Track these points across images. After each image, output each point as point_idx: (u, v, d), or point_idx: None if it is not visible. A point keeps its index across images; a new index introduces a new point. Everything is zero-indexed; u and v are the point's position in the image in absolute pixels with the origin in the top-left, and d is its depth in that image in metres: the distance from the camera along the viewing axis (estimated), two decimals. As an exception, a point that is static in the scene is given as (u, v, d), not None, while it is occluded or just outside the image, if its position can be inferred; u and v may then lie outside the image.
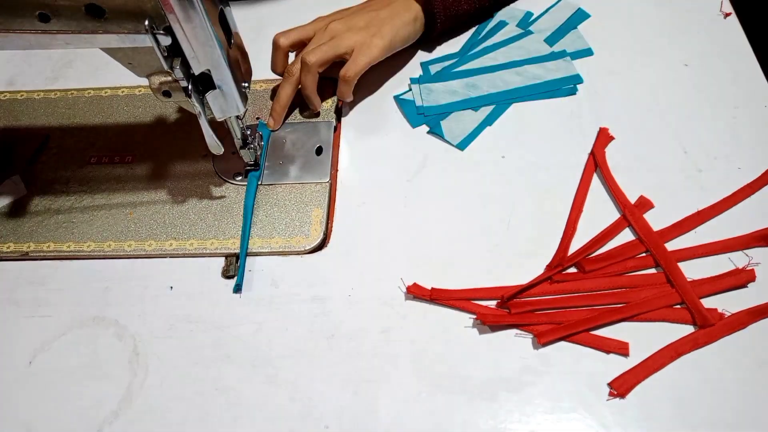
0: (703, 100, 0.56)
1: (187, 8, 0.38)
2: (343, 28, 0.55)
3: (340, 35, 0.54)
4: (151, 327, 0.48)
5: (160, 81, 0.44)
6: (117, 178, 0.55)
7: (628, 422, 0.41)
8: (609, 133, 0.54)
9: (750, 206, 0.50)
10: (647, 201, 0.50)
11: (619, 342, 0.44)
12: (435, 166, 0.54)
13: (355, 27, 0.55)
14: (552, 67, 0.58)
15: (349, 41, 0.54)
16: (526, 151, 0.54)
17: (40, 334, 0.48)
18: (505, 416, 0.42)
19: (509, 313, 0.46)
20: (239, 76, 0.45)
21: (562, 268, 0.47)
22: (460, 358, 0.45)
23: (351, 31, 0.54)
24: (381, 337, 0.46)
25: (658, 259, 0.47)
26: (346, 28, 0.55)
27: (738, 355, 0.43)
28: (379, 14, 0.55)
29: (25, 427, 0.44)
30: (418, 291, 0.47)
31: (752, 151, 0.52)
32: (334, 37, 0.54)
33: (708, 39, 0.59)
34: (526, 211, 0.51)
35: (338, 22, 0.55)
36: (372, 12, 0.56)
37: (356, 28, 0.55)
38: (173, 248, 0.51)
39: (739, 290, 0.46)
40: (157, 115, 0.59)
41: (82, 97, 0.61)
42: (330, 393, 0.44)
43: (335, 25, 0.55)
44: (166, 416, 0.44)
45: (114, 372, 0.46)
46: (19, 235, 0.53)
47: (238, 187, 0.54)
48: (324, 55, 0.53)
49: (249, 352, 0.46)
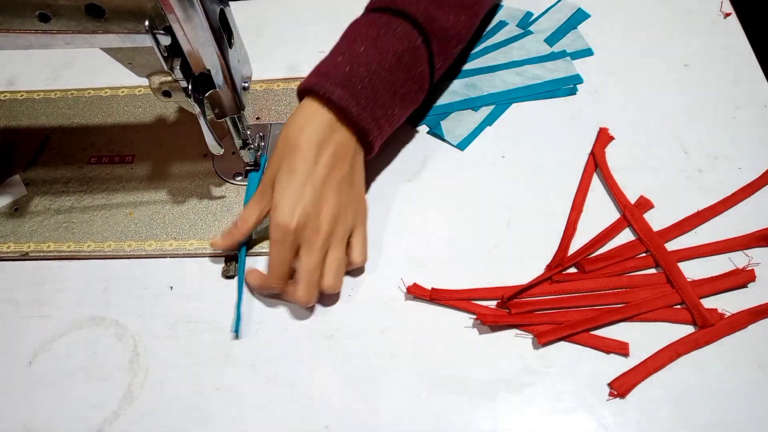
0: (703, 100, 0.56)
1: (187, 8, 0.38)
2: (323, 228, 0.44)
3: (332, 235, 0.45)
4: (151, 327, 0.48)
5: (160, 81, 0.44)
6: (117, 178, 0.55)
7: (628, 422, 0.41)
8: (609, 133, 0.54)
9: (750, 206, 0.50)
10: (647, 201, 0.50)
11: (619, 342, 0.44)
12: (435, 166, 0.54)
13: (332, 218, 0.45)
14: (552, 67, 0.58)
15: (344, 230, 0.46)
16: (526, 151, 0.54)
17: (40, 334, 0.48)
18: (505, 416, 0.42)
19: (509, 313, 0.46)
20: (239, 76, 0.45)
21: (562, 268, 0.47)
22: (460, 358, 0.45)
23: (334, 220, 0.45)
24: (381, 337, 0.46)
25: (658, 259, 0.47)
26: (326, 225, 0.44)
27: (738, 355, 0.43)
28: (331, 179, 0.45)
29: (25, 427, 0.44)
30: (418, 291, 0.47)
31: (752, 151, 0.52)
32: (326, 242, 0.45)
33: (708, 39, 0.59)
34: (526, 211, 0.51)
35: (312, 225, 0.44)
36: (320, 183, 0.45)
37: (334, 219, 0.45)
38: (173, 248, 0.51)
39: (739, 290, 0.46)
40: (157, 115, 0.59)
41: (82, 97, 0.61)
42: (330, 393, 0.44)
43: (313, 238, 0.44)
44: (166, 416, 0.44)
45: (114, 372, 0.46)
46: (19, 235, 0.53)
47: (238, 187, 0.54)
48: (341, 275, 0.47)
49: (249, 352, 0.46)
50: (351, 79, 0.46)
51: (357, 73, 0.46)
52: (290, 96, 0.59)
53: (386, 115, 0.47)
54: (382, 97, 0.47)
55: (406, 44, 0.48)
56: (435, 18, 0.49)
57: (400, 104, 0.48)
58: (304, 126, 0.45)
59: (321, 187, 0.44)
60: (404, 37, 0.48)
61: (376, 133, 0.47)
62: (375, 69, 0.46)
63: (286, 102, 0.59)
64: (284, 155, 0.45)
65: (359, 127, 0.46)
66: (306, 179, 0.44)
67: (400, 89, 0.48)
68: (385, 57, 0.47)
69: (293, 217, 0.43)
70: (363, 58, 0.46)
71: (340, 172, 0.46)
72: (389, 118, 0.48)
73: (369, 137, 0.47)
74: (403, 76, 0.48)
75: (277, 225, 0.43)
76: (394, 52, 0.47)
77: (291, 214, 0.43)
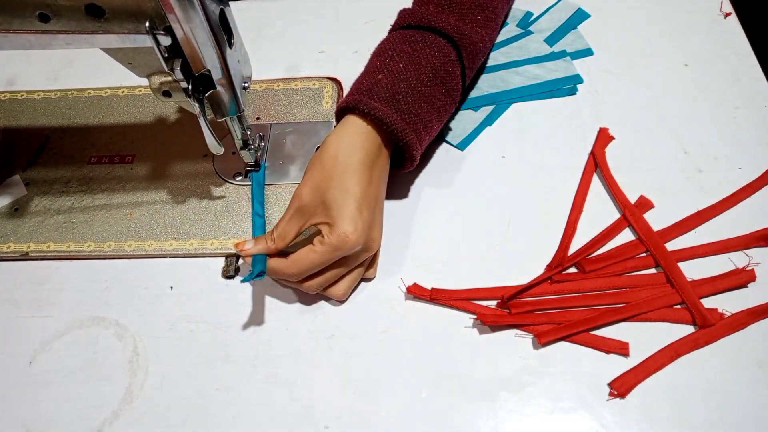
0: (703, 100, 0.56)
1: (187, 8, 0.38)
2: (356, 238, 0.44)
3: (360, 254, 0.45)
4: (151, 327, 0.48)
5: (160, 81, 0.44)
6: (117, 178, 0.55)
7: (628, 422, 0.41)
8: (609, 133, 0.54)
9: (750, 206, 0.50)
10: (647, 201, 0.50)
11: (619, 342, 0.44)
12: (435, 166, 0.54)
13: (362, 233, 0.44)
14: (552, 67, 0.58)
15: (372, 248, 0.46)
16: (526, 151, 0.54)
17: (40, 334, 0.48)
18: (505, 416, 0.42)
19: (509, 313, 0.46)
20: (239, 76, 0.45)
21: (562, 268, 0.47)
22: (460, 358, 0.45)
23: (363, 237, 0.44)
24: (381, 337, 0.46)
25: (658, 259, 0.47)
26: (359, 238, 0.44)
27: (738, 355, 0.43)
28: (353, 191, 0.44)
29: (25, 427, 0.44)
30: (418, 291, 0.47)
31: (752, 151, 0.52)
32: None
33: (708, 39, 0.59)
34: (526, 211, 0.51)
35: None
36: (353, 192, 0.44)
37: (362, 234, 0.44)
38: (173, 248, 0.51)
39: (739, 290, 0.46)
40: (157, 115, 0.59)
41: (82, 97, 0.61)
42: (330, 393, 0.44)
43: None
44: (166, 416, 0.44)
45: (114, 372, 0.46)
46: (19, 235, 0.53)
47: (238, 187, 0.54)
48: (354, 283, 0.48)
49: (249, 352, 0.46)
50: (395, 95, 0.47)
51: (399, 89, 0.47)
52: (290, 96, 0.59)
53: (426, 129, 0.48)
54: (422, 111, 0.48)
55: (442, 58, 0.49)
56: (465, 33, 0.50)
57: (436, 117, 0.49)
58: (352, 145, 0.45)
59: (374, 206, 0.46)
60: (440, 52, 0.49)
61: (418, 147, 0.48)
62: (414, 84, 0.47)
63: (286, 102, 0.59)
64: (333, 174, 0.44)
65: (405, 141, 0.47)
66: (362, 199, 0.44)
67: (437, 102, 0.49)
68: (423, 72, 0.48)
69: (355, 236, 0.43)
70: (403, 75, 0.48)
71: (383, 191, 0.48)
72: (428, 131, 0.49)
73: (413, 150, 0.47)
74: (440, 90, 0.49)
75: (339, 239, 0.43)
76: (431, 67, 0.48)
77: (353, 232, 0.43)
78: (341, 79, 0.60)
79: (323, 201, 0.44)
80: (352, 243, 0.43)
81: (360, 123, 0.46)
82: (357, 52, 0.62)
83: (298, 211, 0.45)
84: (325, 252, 0.43)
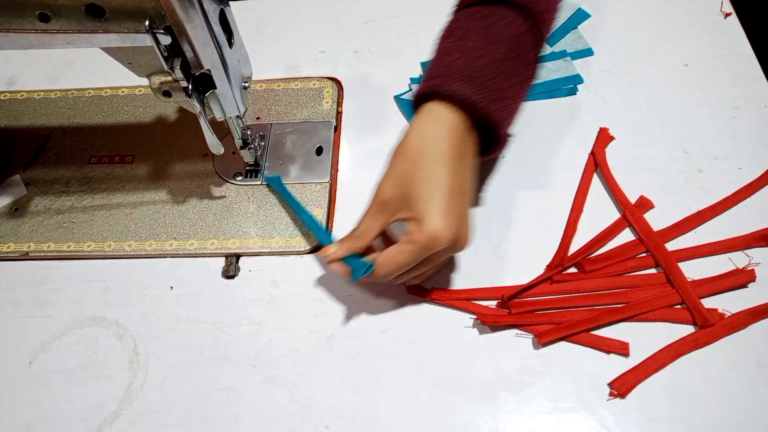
0: (703, 100, 0.56)
1: (187, 8, 0.38)
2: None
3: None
4: (151, 327, 0.48)
5: (160, 81, 0.44)
6: (117, 178, 0.55)
7: (628, 422, 0.41)
8: (609, 133, 0.54)
9: (750, 206, 0.50)
10: (647, 201, 0.50)
11: (619, 342, 0.44)
12: (435, 166, 0.54)
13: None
14: (552, 67, 0.58)
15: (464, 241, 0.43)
16: (526, 151, 0.54)
17: (40, 334, 0.48)
18: (505, 416, 0.42)
19: (509, 313, 0.46)
20: (239, 76, 0.45)
21: (562, 268, 0.47)
22: (460, 358, 0.45)
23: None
24: (381, 337, 0.46)
25: (658, 259, 0.47)
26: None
27: (738, 355, 0.43)
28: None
29: (24, 427, 0.44)
30: (418, 291, 0.47)
31: (752, 151, 0.52)
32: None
33: (708, 39, 0.59)
34: (526, 211, 0.51)
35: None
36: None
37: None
38: (173, 248, 0.51)
39: (739, 290, 0.46)
40: (157, 115, 0.59)
41: (82, 97, 0.61)
42: (330, 393, 0.44)
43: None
44: (166, 416, 0.44)
45: (114, 372, 0.46)
46: (19, 235, 0.53)
47: (238, 186, 0.54)
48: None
49: (249, 352, 0.46)
50: (473, 73, 0.43)
51: (477, 66, 0.43)
52: (290, 96, 0.59)
53: (512, 105, 0.45)
54: (504, 86, 0.44)
55: (515, 31, 0.45)
56: (534, 4, 0.47)
57: (519, 92, 0.46)
58: (437, 134, 0.42)
59: (463, 199, 0.43)
60: (512, 24, 0.45)
61: (507, 124, 0.45)
62: (492, 60, 0.44)
63: (286, 102, 0.59)
64: (419, 166, 0.42)
65: (493, 121, 0.43)
66: (451, 192, 0.41)
67: (517, 77, 0.45)
68: (499, 46, 0.44)
69: (447, 232, 0.40)
70: (478, 52, 0.44)
71: (472, 183, 0.45)
72: (514, 107, 0.46)
73: (502, 129, 0.44)
74: (518, 63, 0.45)
75: (430, 237, 0.40)
76: (505, 41, 0.45)
77: (445, 228, 0.40)
78: (341, 79, 0.60)
79: (408, 195, 0.41)
80: (443, 240, 0.40)
81: (441, 109, 0.43)
82: (357, 52, 0.62)
83: (382, 207, 0.42)
84: (414, 251, 0.41)
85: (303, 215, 0.50)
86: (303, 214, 0.50)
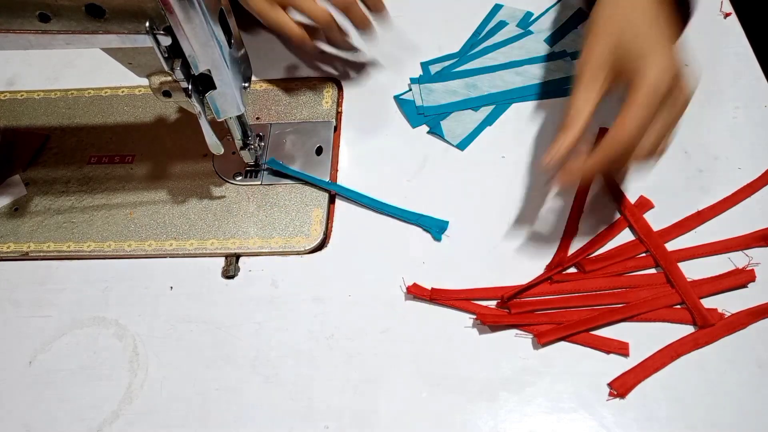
0: (703, 100, 0.56)
1: (187, 8, 0.38)
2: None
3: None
4: (151, 327, 0.48)
5: (160, 81, 0.44)
6: (117, 178, 0.55)
7: (628, 423, 0.41)
8: (609, 133, 0.54)
9: (750, 206, 0.50)
10: (647, 201, 0.50)
11: (619, 342, 0.44)
12: (435, 166, 0.54)
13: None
14: (552, 67, 0.58)
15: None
16: (526, 151, 0.54)
17: (40, 334, 0.48)
18: (505, 416, 0.42)
19: (509, 313, 0.46)
20: (239, 76, 0.45)
21: (562, 268, 0.47)
22: (460, 358, 0.45)
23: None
24: (381, 337, 0.46)
25: (658, 259, 0.47)
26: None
27: (738, 355, 0.43)
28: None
29: (24, 427, 0.44)
30: (418, 291, 0.47)
31: (752, 151, 0.52)
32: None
33: (708, 39, 0.59)
34: (526, 211, 0.51)
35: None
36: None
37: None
38: (173, 248, 0.51)
39: (739, 290, 0.46)
40: (157, 115, 0.59)
41: (82, 97, 0.61)
42: (330, 393, 0.44)
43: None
44: (166, 416, 0.44)
45: (114, 372, 0.46)
46: (19, 235, 0.53)
47: (238, 186, 0.54)
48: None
49: (249, 352, 0.46)
50: None
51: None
52: (290, 96, 0.59)
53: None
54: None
55: None
56: None
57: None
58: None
59: (670, 44, 0.40)
60: None
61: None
62: None
63: (286, 102, 0.59)
64: (629, 17, 0.40)
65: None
66: (660, 37, 0.39)
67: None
68: None
69: (673, 62, 0.38)
70: None
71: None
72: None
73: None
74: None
75: (659, 72, 0.38)
76: None
77: (670, 58, 0.38)
78: (341, 79, 0.60)
79: (624, 48, 0.39)
80: (673, 71, 0.38)
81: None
82: (357, 52, 0.62)
83: (595, 71, 0.40)
84: (647, 96, 0.37)
85: (314, 180, 0.53)
86: (313, 179, 0.53)
